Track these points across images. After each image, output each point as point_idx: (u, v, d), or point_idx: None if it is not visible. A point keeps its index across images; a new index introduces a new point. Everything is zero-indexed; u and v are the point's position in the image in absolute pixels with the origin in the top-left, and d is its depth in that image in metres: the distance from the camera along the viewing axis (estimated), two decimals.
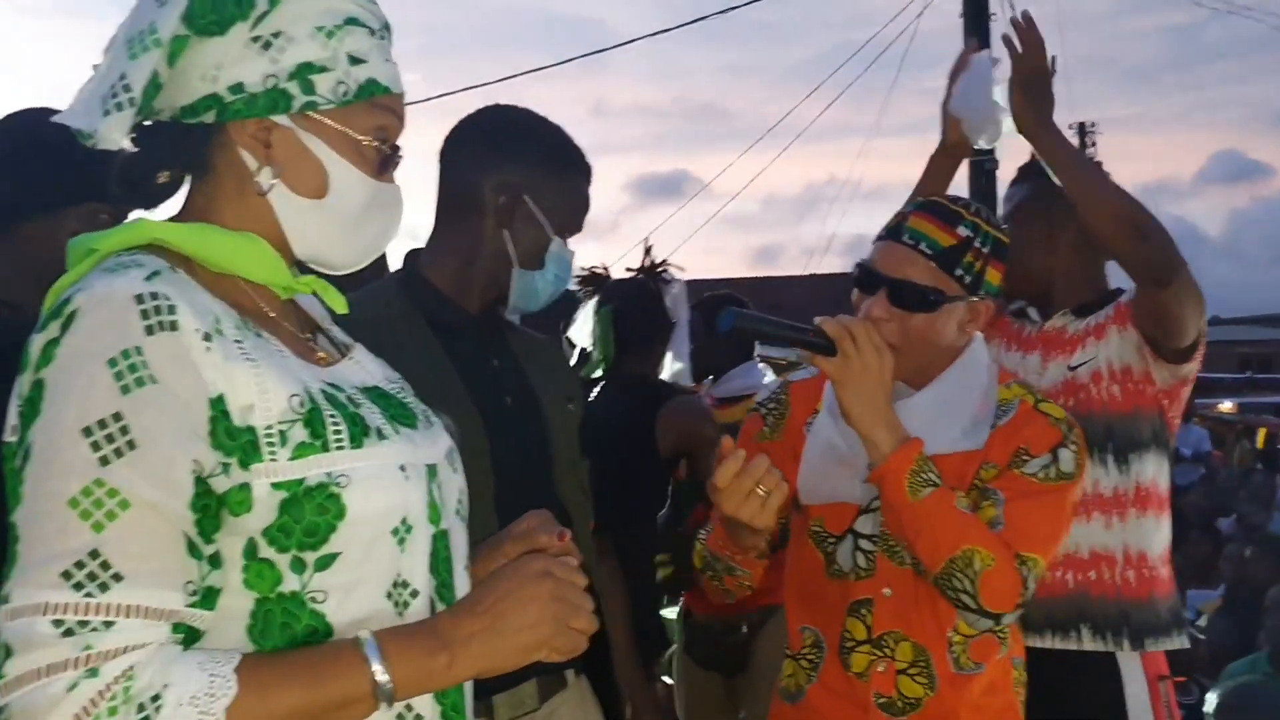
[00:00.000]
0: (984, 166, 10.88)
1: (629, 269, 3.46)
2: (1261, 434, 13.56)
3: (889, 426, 1.80)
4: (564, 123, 2.04)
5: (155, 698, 1.03)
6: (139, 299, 1.10)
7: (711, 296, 3.81)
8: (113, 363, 1.08)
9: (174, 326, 1.10)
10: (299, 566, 1.14)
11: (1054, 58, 2.37)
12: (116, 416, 1.07)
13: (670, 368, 3.43)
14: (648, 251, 3.45)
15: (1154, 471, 2.43)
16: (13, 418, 1.12)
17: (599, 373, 3.29)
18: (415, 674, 1.15)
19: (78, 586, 1.04)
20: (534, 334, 2.18)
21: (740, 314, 1.82)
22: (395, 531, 1.19)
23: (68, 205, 1.87)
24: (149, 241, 1.19)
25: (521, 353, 2.06)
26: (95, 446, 1.06)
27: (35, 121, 1.85)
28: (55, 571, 1.04)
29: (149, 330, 1.09)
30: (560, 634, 1.21)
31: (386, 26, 1.29)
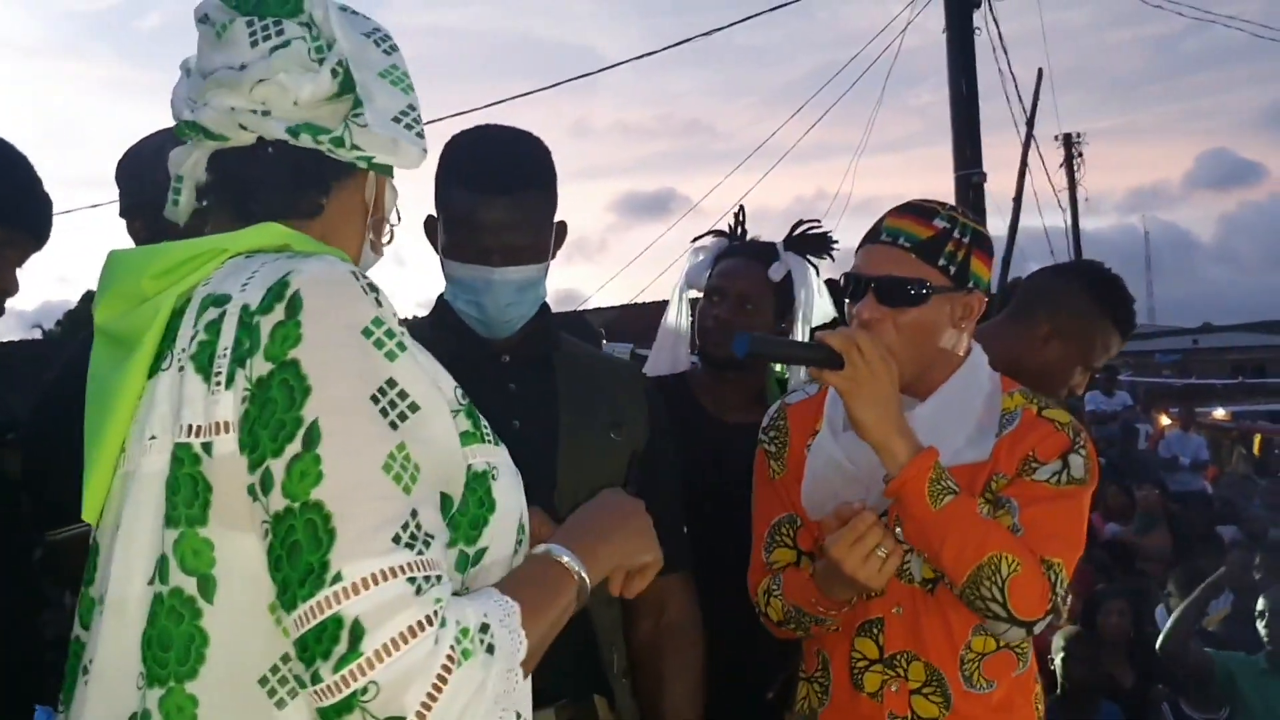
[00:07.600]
0: (971, 180, 10.68)
1: None
2: (1257, 440, 13.56)
3: (903, 434, 1.77)
4: (552, 145, 2.02)
5: (484, 627, 1.05)
6: (355, 276, 1.12)
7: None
8: (367, 333, 1.08)
9: (384, 304, 1.13)
10: (464, 562, 1.16)
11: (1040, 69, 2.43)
12: (391, 383, 1.08)
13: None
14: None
15: None
16: (232, 407, 1.08)
17: None
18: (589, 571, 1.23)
19: (409, 546, 1.03)
20: (607, 359, 2.18)
21: (754, 338, 1.80)
22: (517, 532, 1.23)
23: None
24: (280, 245, 1.19)
25: (570, 377, 2.03)
26: (384, 412, 1.06)
27: None
28: (387, 536, 1.03)
29: (377, 304, 1.11)
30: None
31: None
